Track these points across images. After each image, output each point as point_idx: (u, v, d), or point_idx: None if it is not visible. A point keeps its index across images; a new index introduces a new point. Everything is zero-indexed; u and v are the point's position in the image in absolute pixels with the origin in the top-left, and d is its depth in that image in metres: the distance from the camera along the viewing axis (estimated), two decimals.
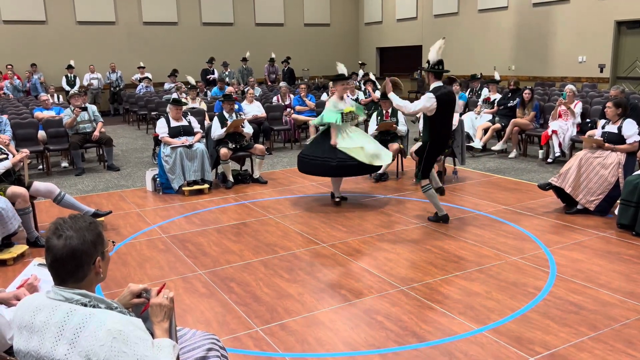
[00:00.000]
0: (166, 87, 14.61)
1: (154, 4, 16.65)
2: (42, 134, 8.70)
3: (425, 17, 17.23)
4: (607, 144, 5.65)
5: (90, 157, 9.86)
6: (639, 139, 5.60)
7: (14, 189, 4.95)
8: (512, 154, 9.11)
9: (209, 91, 13.75)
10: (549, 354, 3.13)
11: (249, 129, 7.69)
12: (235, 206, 6.43)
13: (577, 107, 8.49)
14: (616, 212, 5.33)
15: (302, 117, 10.42)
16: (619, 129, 5.68)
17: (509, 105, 9.49)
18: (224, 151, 7.21)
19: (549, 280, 4.13)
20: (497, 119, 9.55)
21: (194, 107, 9.95)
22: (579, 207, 5.72)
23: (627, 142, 5.59)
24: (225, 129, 7.33)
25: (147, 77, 14.87)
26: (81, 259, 1.75)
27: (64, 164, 9.05)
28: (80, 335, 1.65)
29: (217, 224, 5.73)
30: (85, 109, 8.56)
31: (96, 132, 8.53)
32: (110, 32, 16.22)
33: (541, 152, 8.77)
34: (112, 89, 16.02)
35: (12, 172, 5.19)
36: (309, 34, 19.33)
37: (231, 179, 7.35)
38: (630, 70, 12.14)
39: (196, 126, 7.46)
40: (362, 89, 12.21)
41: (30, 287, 2.44)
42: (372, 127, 7.69)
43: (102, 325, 1.65)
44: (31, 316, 1.74)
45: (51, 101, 10.33)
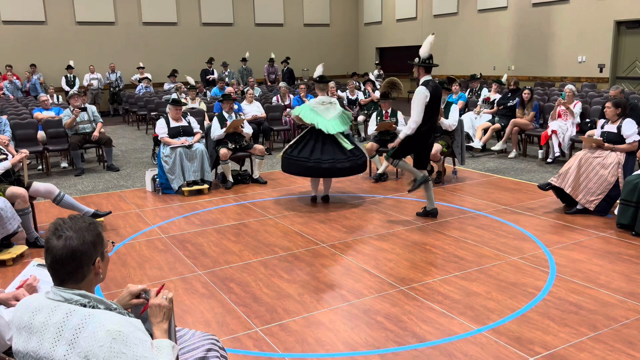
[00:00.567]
0: (166, 87, 14.61)
1: (154, 4, 16.65)
2: (41, 134, 8.70)
3: (425, 17, 17.23)
4: (606, 144, 5.65)
5: (89, 158, 9.85)
6: (638, 138, 5.60)
7: (13, 190, 4.95)
8: (512, 154, 9.11)
9: (208, 91, 13.75)
10: (549, 354, 3.13)
11: (248, 129, 7.69)
12: (234, 206, 6.43)
13: (577, 107, 8.49)
14: (616, 212, 5.33)
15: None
16: (619, 128, 5.68)
17: (508, 105, 9.49)
18: (223, 151, 7.20)
19: (549, 280, 4.13)
20: (496, 119, 9.56)
21: (193, 108, 9.95)
22: (578, 207, 5.72)
23: (627, 141, 5.59)
24: (224, 129, 7.33)
25: (146, 78, 14.87)
26: (81, 259, 1.75)
27: (64, 165, 9.05)
28: (79, 335, 1.65)
29: (217, 225, 5.73)
30: (84, 109, 8.56)
31: (96, 133, 8.52)
32: (109, 32, 16.22)
33: (541, 152, 8.77)
34: (111, 89, 16.02)
35: (11, 173, 5.19)
36: (308, 34, 19.34)
37: (231, 179, 7.35)
38: (629, 70, 12.15)
39: (196, 126, 7.46)
40: (362, 89, 12.22)
41: (29, 288, 2.44)
42: (371, 127, 7.69)
43: (101, 326, 1.65)
44: (30, 317, 1.74)
45: (51, 101, 10.33)
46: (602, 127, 5.89)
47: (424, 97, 5.25)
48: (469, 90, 11.55)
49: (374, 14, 19.38)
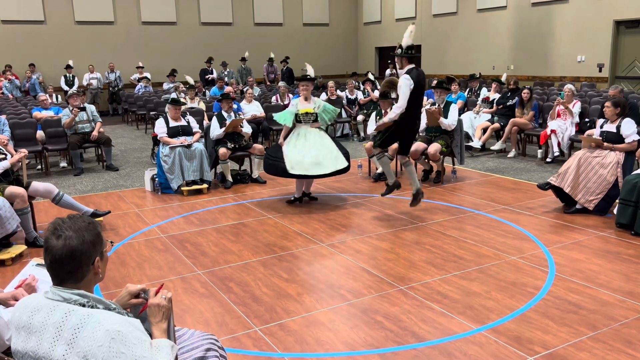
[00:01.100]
0: (165, 87, 14.60)
1: (153, 4, 16.63)
2: (40, 134, 8.69)
3: (424, 16, 17.23)
4: (605, 144, 5.65)
5: (89, 157, 9.85)
6: (637, 138, 5.60)
7: (12, 189, 4.94)
8: (511, 154, 9.11)
9: (207, 91, 13.75)
10: (548, 354, 3.13)
11: (247, 129, 7.69)
12: (234, 206, 6.43)
13: (576, 106, 8.49)
14: (615, 211, 5.34)
15: None
16: (618, 128, 5.68)
17: (508, 104, 9.49)
18: (222, 151, 7.20)
19: (548, 279, 4.13)
20: (496, 118, 9.56)
21: (192, 107, 9.95)
22: (578, 206, 5.72)
23: (626, 141, 5.60)
24: (224, 128, 7.32)
25: (145, 77, 14.86)
26: (80, 259, 1.75)
27: (63, 164, 9.05)
28: (78, 335, 1.64)
29: (216, 224, 5.73)
30: (83, 108, 8.56)
31: (95, 132, 8.52)
32: (109, 32, 16.21)
33: (540, 151, 8.77)
34: (110, 88, 16.01)
35: (10, 172, 5.19)
36: (308, 33, 19.33)
37: (230, 178, 7.35)
38: (629, 69, 12.15)
39: (195, 126, 7.46)
40: (362, 88, 12.22)
41: (28, 288, 2.44)
42: (371, 127, 7.69)
43: (100, 325, 1.65)
44: (29, 316, 1.74)
45: (50, 101, 10.32)
46: (602, 126, 5.90)
47: (409, 84, 5.30)
48: (468, 89, 11.55)
49: (374, 14, 19.38)
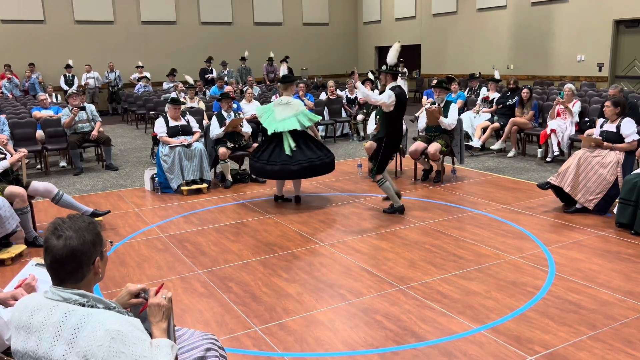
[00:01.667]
0: (165, 86, 14.60)
1: (153, 4, 16.63)
2: (40, 133, 8.69)
3: (424, 16, 17.23)
4: (605, 143, 5.65)
5: (88, 157, 9.84)
6: (637, 137, 5.60)
7: (11, 189, 4.94)
8: (511, 153, 9.11)
9: (207, 90, 13.74)
10: (548, 353, 3.13)
11: (247, 128, 7.69)
12: (233, 206, 6.43)
13: (576, 106, 8.49)
14: (615, 211, 5.34)
15: None
16: (618, 127, 5.68)
17: (507, 104, 9.49)
18: (222, 150, 7.20)
19: (548, 279, 4.13)
20: (495, 118, 9.56)
21: (192, 107, 9.94)
22: (577, 206, 5.72)
23: (626, 141, 5.60)
24: (223, 128, 7.32)
25: (145, 77, 14.86)
26: (81, 259, 1.75)
27: (63, 164, 9.04)
28: (78, 335, 1.64)
29: (216, 224, 5.73)
30: (83, 108, 8.55)
31: (95, 132, 8.51)
32: (108, 31, 16.20)
33: (540, 151, 8.77)
34: (110, 88, 16.00)
35: (10, 172, 5.18)
36: (307, 33, 19.33)
37: (230, 178, 7.35)
38: (628, 69, 12.15)
39: (195, 125, 7.46)
40: None
41: (28, 287, 2.44)
42: (370, 127, 7.69)
43: (100, 325, 1.65)
44: (29, 316, 1.74)
45: (49, 100, 10.31)
46: (601, 126, 5.89)
47: (389, 98, 5.57)
48: (468, 89, 11.54)
49: (373, 13, 19.38)
